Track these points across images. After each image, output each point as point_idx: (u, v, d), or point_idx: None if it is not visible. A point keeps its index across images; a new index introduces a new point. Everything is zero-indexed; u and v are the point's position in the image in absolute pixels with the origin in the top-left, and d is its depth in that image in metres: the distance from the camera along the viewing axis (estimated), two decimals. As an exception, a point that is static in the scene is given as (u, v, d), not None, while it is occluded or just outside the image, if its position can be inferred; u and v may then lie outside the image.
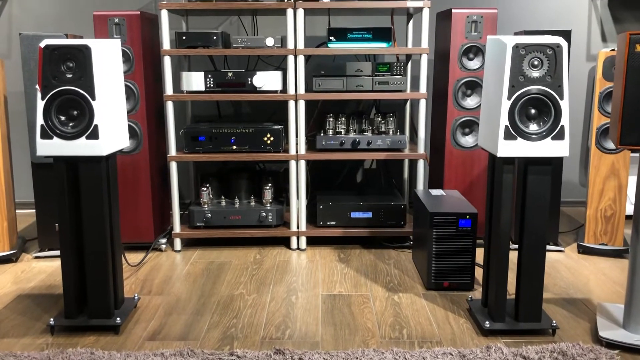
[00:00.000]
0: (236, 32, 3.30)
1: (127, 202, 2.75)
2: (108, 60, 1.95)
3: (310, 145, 2.95)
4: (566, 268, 2.60)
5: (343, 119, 2.86)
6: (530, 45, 1.82)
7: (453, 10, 2.66)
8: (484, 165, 2.78)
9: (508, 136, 1.85)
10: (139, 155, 2.72)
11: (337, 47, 2.70)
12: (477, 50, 2.69)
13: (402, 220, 2.84)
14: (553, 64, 1.83)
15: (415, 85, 3.03)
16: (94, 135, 1.89)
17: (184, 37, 2.68)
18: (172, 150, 2.76)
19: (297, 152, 2.77)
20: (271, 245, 2.91)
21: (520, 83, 1.83)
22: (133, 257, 2.74)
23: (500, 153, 1.86)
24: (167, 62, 2.68)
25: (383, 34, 2.71)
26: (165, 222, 2.96)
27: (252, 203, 2.89)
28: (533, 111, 1.86)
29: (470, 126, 2.76)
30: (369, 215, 2.84)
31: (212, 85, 2.73)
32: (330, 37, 2.70)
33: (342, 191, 3.09)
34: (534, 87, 1.83)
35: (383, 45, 2.71)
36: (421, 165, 2.79)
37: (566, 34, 2.63)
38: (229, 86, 2.73)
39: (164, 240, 2.85)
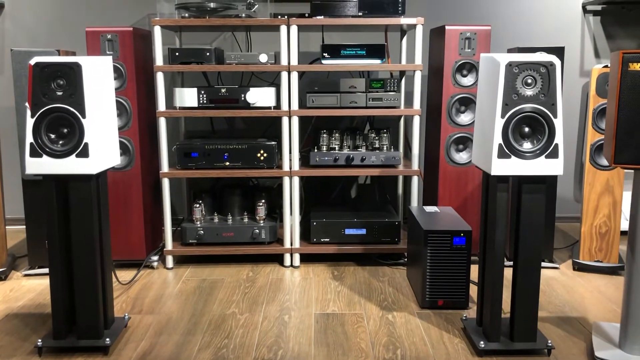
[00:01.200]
0: (230, 48, 3.30)
1: (119, 219, 2.72)
2: (99, 77, 1.94)
3: (304, 161, 2.94)
4: (561, 285, 2.58)
5: (337, 135, 2.85)
6: (524, 63, 1.82)
7: (446, 27, 2.66)
8: (478, 182, 2.77)
9: (502, 155, 1.84)
10: (131, 172, 2.70)
11: (330, 63, 2.70)
12: (470, 67, 2.69)
13: (397, 237, 2.82)
14: (547, 82, 1.82)
15: (409, 101, 3.03)
16: (84, 153, 1.87)
17: (177, 54, 2.67)
18: (165, 167, 2.74)
19: (290, 168, 2.75)
20: (264, 262, 2.88)
21: (514, 101, 1.82)
22: (124, 275, 2.71)
23: (494, 171, 1.85)
24: (159, 78, 2.66)
25: (377, 51, 2.70)
26: (157, 239, 2.93)
27: (245, 219, 2.87)
28: (527, 129, 1.85)
29: (464, 142, 2.75)
30: (363, 231, 2.82)
31: (205, 102, 2.71)
32: (324, 54, 2.70)
33: (336, 207, 3.08)
34: (528, 106, 1.82)
35: (377, 61, 2.71)
36: (415, 181, 2.78)
37: (559, 51, 2.63)
38: (223, 102, 2.72)
39: (155, 258, 2.82)
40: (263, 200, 2.88)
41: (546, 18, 3.38)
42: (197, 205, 2.83)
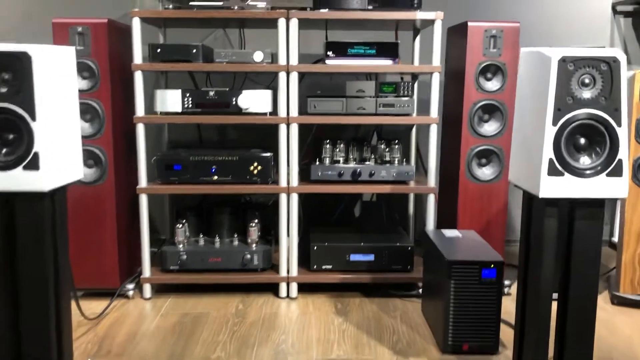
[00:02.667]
0: (221, 48, 2.93)
1: (89, 242, 2.34)
2: (56, 71, 1.57)
3: (304, 175, 2.57)
4: (602, 324, 2.21)
5: (342, 145, 2.49)
6: (581, 59, 1.47)
7: (469, 24, 2.31)
8: (503, 202, 2.41)
9: (553, 171, 1.48)
10: (103, 187, 2.33)
11: (335, 63, 2.34)
12: (496, 69, 2.34)
13: (409, 264, 2.46)
14: (608, 83, 1.47)
15: (422, 108, 2.67)
16: (33, 165, 1.50)
17: (159, 50, 2.31)
18: (143, 181, 2.37)
19: (288, 183, 2.39)
20: (257, 291, 2.50)
21: (568, 106, 1.47)
22: (94, 307, 2.33)
23: (544, 193, 1.49)
24: (138, 78, 2.30)
25: (389, 50, 2.35)
26: (134, 263, 2.55)
27: (235, 242, 2.49)
28: (583, 141, 1.50)
29: (487, 156, 2.39)
30: (370, 258, 2.45)
31: (190, 106, 2.35)
32: (328, 52, 2.34)
33: (338, 227, 2.70)
34: (585, 111, 1.47)
35: (389, 62, 2.36)
36: (431, 200, 2.41)
37: (599, 52, 2.28)
38: (211, 107, 2.36)
39: (131, 286, 2.44)
40: (256, 220, 2.51)
41: (573, 19, 3.04)
42: (180, 226, 2.46)
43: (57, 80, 1.57)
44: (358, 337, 2.08)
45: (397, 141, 2.50)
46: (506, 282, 2.50)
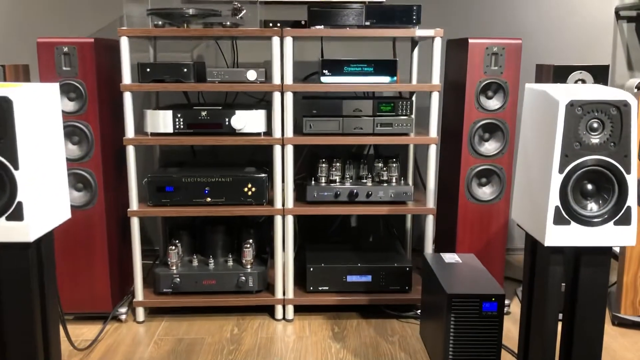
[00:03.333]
0: (213, 58, 2.85)
1: (80, 266, 2.29)
2: (39, 112, 1.50)
3: (299, 193, 2.51)
4: (604, 349, 2.18)
5: (338, 164, 2.43)
6: (590, 103, 1.40)
7: (470, 41, 2.24)
8: (503, 221, 2.36)
9: (559, 220, 1.42)
10: (93, 210, 2.26)
11: (331, 81, 2.27)
12: (497, 88, 2.27)
13: (408, 284, 2.41)
14: (618, 128, 1.41)
15: (421, 118, 2.61)
16: (17, 215, 1.43)
17: (149, 70, 2.23)
18: (134, 204, 2.30)
19: (283, 205, 2.33)
20: (253, 312, 2.46)
21: (576, 152, 1.41)
22: (86, 332, 2.28)
23: (549, 241, 1.44)
24: (127, 99, 2.22)
25: (386, 68, 2.27)
26: (126, 284, 2.49)
27: (230, 263, 2.44)
28: (590, 187, 1.44)
29: (488, 176, 2.33)
30: (368, 278, 2.41)
31: (182, 127, 2.28)
32: (324, 70, 2.26)
33: (335, 245, 2.65)
34: (593, 158, 1.41)
35: (386, 79, 2.28)
36: (430, 222, 2.36)
37: (603, 71, 2.22)
38: (203, 127, 2.28)
39: (124, 310, 2.39)
40: (250, 240, 2.46)
41: (575, 25, 2.96)
42: (173, 248, 2.40)
43: (41, 122, 1.50)
44: (356, 368, 2.05)
45: (394, 160, 2.44)
46: (506, 302, 2.46)
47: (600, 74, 2.23)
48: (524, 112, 1.59)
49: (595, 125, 1.41)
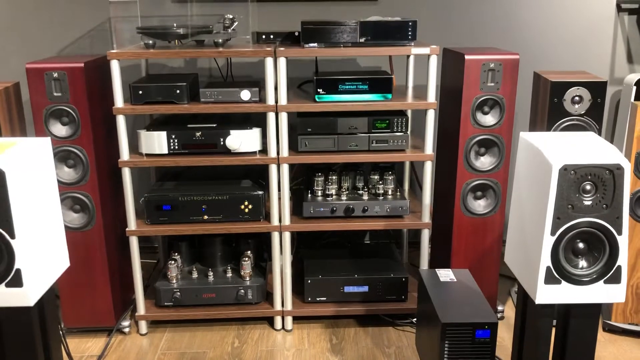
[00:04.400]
0: (207, 71, 2.80)
1: (81, 285, 2.33)
2: (32, 174, 1.50)
3: (295, 205, 2.52)
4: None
5: (334, 177, 2.43)
6: (584, 167, 1.40)
7: (466, 57, 2.20)
8: (498, 233, 2.39)
9: (550, 279, 1.45)
10: (92, 231, 2.28)
11: (326, 101, 2.24)
12: (493, 104, 2.25)
13: (404, 294, 2.46)
14: (611, 190, 1.41)
15: (416, 132, 2.60)
16: (16, 282, 1.45)
17: (141, 92, 2.20)
18: (132, 224, 2.32)
19: (280, 222, 2.35)
20: (253, 322, 2.52)
21: (568, 214, 1.42)
22: (91, 345, 2.35)
23: (540, 299, 1.47)
24: (121, 122, 2.20)
25: (382, 85, 2.25)
26: (128, 297, 2.54)
27: (229, 274, 2.48)
28: (582, 245, 1.46)
29: (484, 190, 2.34)
30: (365, 289, 2.46)
31: (176, 147, 2.27)
32: (319, 89, 2.24)
33: (332, 252, 2.68)
34: (585, 220, 1.42)
35: (381, 97, 2.25)
36: (425, 237, 2.39)
37: (601, 87, 2.20)
38: (198, 148, 2.28)
39: (126, 323, 2.45)
40: (249, 252, 2.49)
41: (576, 17, 2.90)
42: (173, 262, 2.44)
43: (33, 184, 1.50)
44: (353, 387, 2.12)
45: (390, 171, 2.44)
46: (499, 308, 2.52)
47: (597, 90, 2.21)
48: (518, 161, 1.59)
49: (588, 187, 1.41)
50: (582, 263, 1.46)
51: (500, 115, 2.25)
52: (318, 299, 2.46)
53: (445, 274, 2.25)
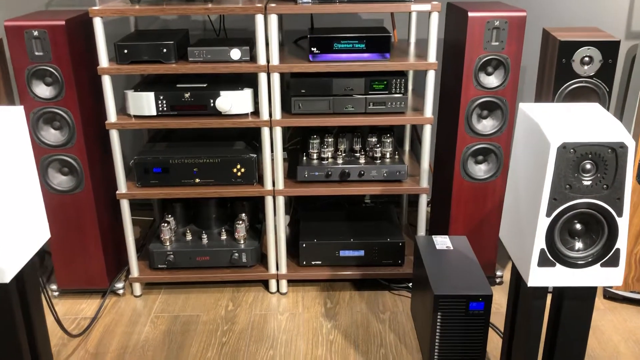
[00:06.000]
0: (201, 24, 2.67)
1: (73, 247, 2.30)
2: (3, 146, 1.43)
3: (290, 167, 2.45)
4: (592, 329, 2.21)
5: (330, 139, 2.35)
6: (584, 145, 1.31)
7: (469, 14, 2.07)
8: (499, 199, 2.31)
9: (544, 262, 1.38)
10: (81, 194, 2.24)
11: (321, 61, 2.13)
12: (498, 64, 2.13)
13: (400, 259, 2.42)
14: (612, 170, 1.32)
15: (416, 91, 2.49)
16: (-10, 259, 1.41)
17: (126, 51, 2.10)
18: (122, 187, 2.27)
19: (274, 186, 2.28)
20: (248, 284, 2.50)
21: (565, 195, 1.34)
22: (85, 307, 2.35)
23: (532, 282, 1.41)
24: (107, 82, 2.12)
25: (380, 44, 2.13)
26: (122, 260, 2.51)
27: (224, 237, 2.44)
28: (579, 226, 1.39)
29: (485, 154, 2.25)
30: (360, 253, 2.41)
31: (165, 109, 2.19)
32: (313, 48, 2.12)
33: (329, 214, 2.62)
34: (584, 201, 1.34)
35: (380, 57, 2.14)
36: (423, 202, 2.31)
37: (613, 47, 2.06)
38: (187, 109, 2.19)
39: (120, 285, 2.43)
40: (244, 215, 2.45)
41: (591, -30, 2.72)
42: (166, 225, 2.40)
43: (6, 156, 1.44)
44: (345, 350, 2.09)
45: (389, 134, 2.35)
46: (498, 273, 2.47)
47: (609, 51, 2.07)
48: (516, 134, 1.50)
49: (588, 166, 1.32)
50: (579, 245, 1.39)
51: (505, 77, 2.13)
52: (313, 262, 2.42)
53: (442, 242, 2.19)
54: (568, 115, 1.40)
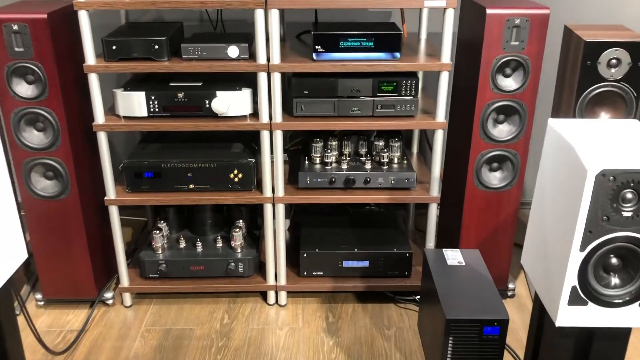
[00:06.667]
0: (197, 14, 2.49)
1: (60, 255, 2.16)
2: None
3: (292, 171, 2.30)
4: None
5: (334, 143, 2.19)
6: (626, 172, 1.15)
7: (487, 11, 1.90)
8: (513, 209, 2.16)
9: (575, 300, 1.24)
10: (67, 200, 2.08)
11: (325, 60, 1.97)
12: (517, 65, 1.96)
13: (407, 270, 2.28)
14: (656, 200, 1.17)
15: (427, 92, 2.33)
16: (-43, 289, 1.27)
17: (114, 47, 1.94)
18: (111, 193, 2.11)
19: (273, 193, 2.13)
20: (245, 294, 2.36)
21: (602, 228, 1.19)
22: (72, 318, 2.21)
23: (561, 322, 1.26)
24: (94, 81, 1.95)
25: (389, 42, 1.96)
26: (112, 267, 2.36)
27: (219, 244, 2.29)
28: (615, 261, 1.24)
29: (500, 161, 2.10)
30: (365, 264, 2.27)
31: (157, 110, 2.03)
32: (317, 46, 1.96)
33: (331, 220, 2.47)
34: (623, 234, 1.19)
35: (389, 56, 1.98)
36: (433, 212, 2.17)
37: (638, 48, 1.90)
38: (181, 110, 2.03)
39: (110, 295, 2.29)
40: (241, 222, 2.30)
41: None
42: (158, 232, 2.25)
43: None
44: (348, 376, 1.97)
45: (397, 138, 2.20)
46: (510, 286, 2.33)
47: (638, 52, 1.91)
48: (544, 152, 1.34)
49: (629, 196, 1.17)
50: (615, 281, 1.24)
51: (524, 79, 1.97)
52: (314, 273, 2.28)
53: (453, 256, 2.04)
54: (605, 134, 1.25)
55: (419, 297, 2.27)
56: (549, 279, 1.28)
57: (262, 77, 1.95)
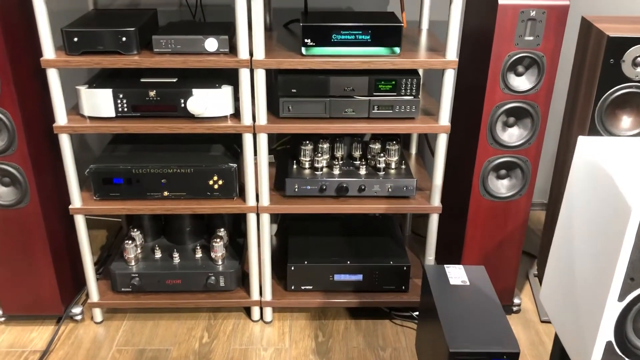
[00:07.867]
0: (177, 4, 2.25)
1: (19, 268, 1.95)
2: None
3: (278, 176, 2.09)
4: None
5: (325, 145, 1.98)
6: (677, 211, 0.95)
7: (500, 2, 1.68)
8: (522, 220, 1.96)
9: (609, 356, 1.04)
10: (27, 208, 1.87)
11: (315, 55, 1.74)
12: (531, 63, 1.75)
13: (404, 284, 2.08)
14: None
15: (428, 91, 2.11)
16: None
17: (76, 40, 1.70)
18: (76, 201, 1.90)
19: (258, 201, 1.92)
20: (227, 309, 2.16)
21: (646, 274, 0.99)
22: (36, 336, 2.01)
23: (592, 380, 1.06)
24: (53, 77, 1.72)
25: (388, 36, 1.74)
26: (80, 279, 2.15)
27: (198, 255, 2.09)
28: (657, 310, 1.04)
29: (510, 168, 1.90)
30: (358, 277, 2.07)
31: (126, 109, 1.80)
32: (306, 40, 1.73)
33: (322, 226, 2.27)
34: (670, 282, 0.99)
35: (387, 51, 1.75)
36: (434, 223, 1.97)
37: (674, 46, 1.68)
38: (152, 110, 1.81)
39: (78, 310, 2.08)
40: (222, 230, 2.10)
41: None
42: (130, 242, 2.04)
43: None
44: (339, 407, 1.78)
45: (395, 141, 1.99)
46: (516, 301, 2.15)
47: (668, 51, 1.70)
48: (572, 174, 1.14)
49: (678, 237, 0.97)
50: (656, 333, 1.05)
51: (538, 79, 1.76)
52: (303, 287, 2.08)
53: (456, 274, 1.84)
54: (647, 157, 1.04)
55: (416, 313, 2.08)
56: (577, 327, 1.09)
57: (245, 74, 1.73)
